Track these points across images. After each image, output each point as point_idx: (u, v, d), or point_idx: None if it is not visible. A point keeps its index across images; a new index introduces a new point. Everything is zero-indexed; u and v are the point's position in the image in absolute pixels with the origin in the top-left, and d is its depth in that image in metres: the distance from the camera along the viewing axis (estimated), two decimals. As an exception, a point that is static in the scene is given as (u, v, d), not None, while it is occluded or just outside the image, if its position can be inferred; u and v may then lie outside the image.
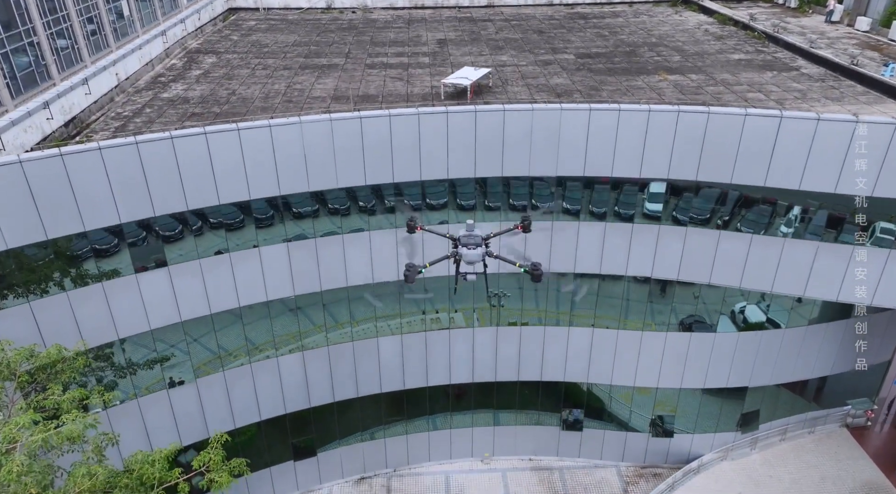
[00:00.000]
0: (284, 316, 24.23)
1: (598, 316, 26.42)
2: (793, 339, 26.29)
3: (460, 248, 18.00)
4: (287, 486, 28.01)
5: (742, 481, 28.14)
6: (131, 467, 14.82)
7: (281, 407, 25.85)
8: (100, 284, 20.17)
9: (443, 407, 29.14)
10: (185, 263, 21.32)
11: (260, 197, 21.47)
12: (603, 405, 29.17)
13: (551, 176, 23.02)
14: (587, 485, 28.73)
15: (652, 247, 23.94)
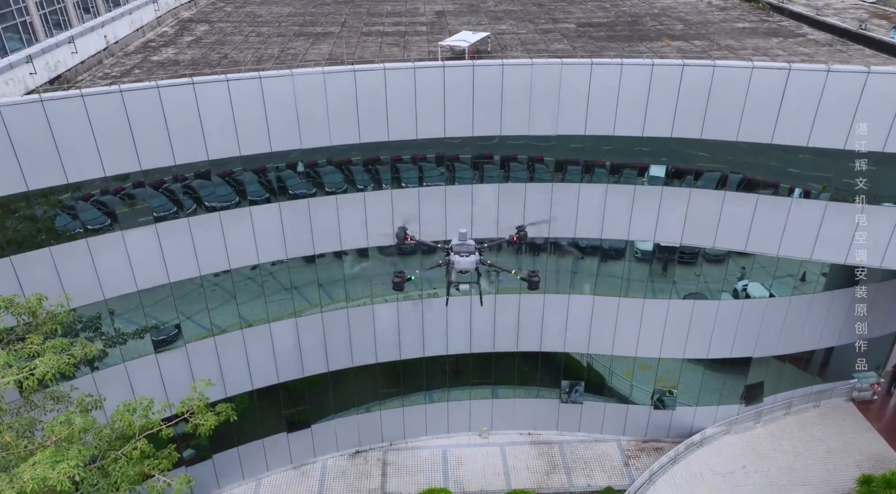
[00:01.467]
0: (277, 279, 23.56)
1: (599, 292, 25.85)
2: (798, 308, 25.63)
3: (452, 256, 17.56)
4: (280, 459, 27.38)
5: (746, 454, 27.52)
6: (113, 419, 14.19)
7: (273, 375, 25.22)
8: (84, 241, 19.52)
9: (440, 383, 28.53)
10: (173, 221, 20.66)
11: (251, 153, 20.80)
12: (603, 380, 28.54)
13: (551, 134, 22.35)
14: (587, 459, 28.11)
15: (655, 210, 23.28)
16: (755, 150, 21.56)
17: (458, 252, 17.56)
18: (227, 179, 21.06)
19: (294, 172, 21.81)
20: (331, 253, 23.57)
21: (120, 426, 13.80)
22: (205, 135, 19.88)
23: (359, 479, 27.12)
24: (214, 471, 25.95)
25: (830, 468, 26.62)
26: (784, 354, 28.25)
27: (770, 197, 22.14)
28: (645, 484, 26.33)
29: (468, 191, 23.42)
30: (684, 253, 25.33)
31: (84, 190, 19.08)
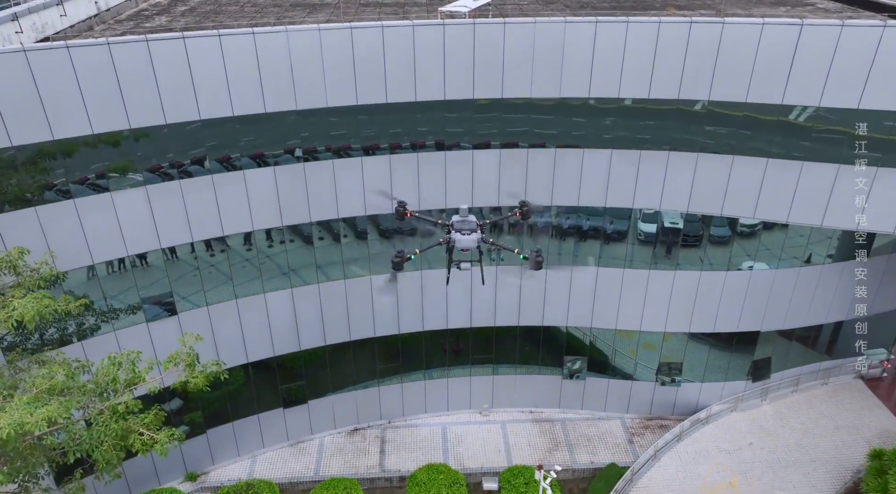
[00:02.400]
0: (272, 248, 22.94)
1: (603, 263, 25.20)
2: (808, 278, 24.97)
3: (453, 234, 16.96)
4: (277, 436, 26.76)
5: (753, 431, 26.90)
6: (98, 373, 13.58)
7: (269, 348, 24.59)
8: (71, 201, 18.88)
9: (440, 362, 27.90)
10: (163, 184, 20.01)
11: (244, 113, 20.14)
12: (606, 359, 27.90)
13: (554, 97, 21.67)
14: (590, 436, 27.49)
15: (661, 176, 22.61)
16: (765, 111, 20.89)
17: (459, 229, 17.02)
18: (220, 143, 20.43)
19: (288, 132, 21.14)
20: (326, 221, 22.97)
21: (104, 381, 13.20)
22: (196, 93, 19.20)
23: (357, 456, 26.52)
24: (209, 446, 25.34)
25: (840, 444, 26.00)
26: (791, 331, 27.66)
27: (780, 160, 21.46)
28: (650, 461, 25.71)
29: (468, 157, 22.75)
30: (688, 236, 24.72)
31: (71, 147, 18.41)
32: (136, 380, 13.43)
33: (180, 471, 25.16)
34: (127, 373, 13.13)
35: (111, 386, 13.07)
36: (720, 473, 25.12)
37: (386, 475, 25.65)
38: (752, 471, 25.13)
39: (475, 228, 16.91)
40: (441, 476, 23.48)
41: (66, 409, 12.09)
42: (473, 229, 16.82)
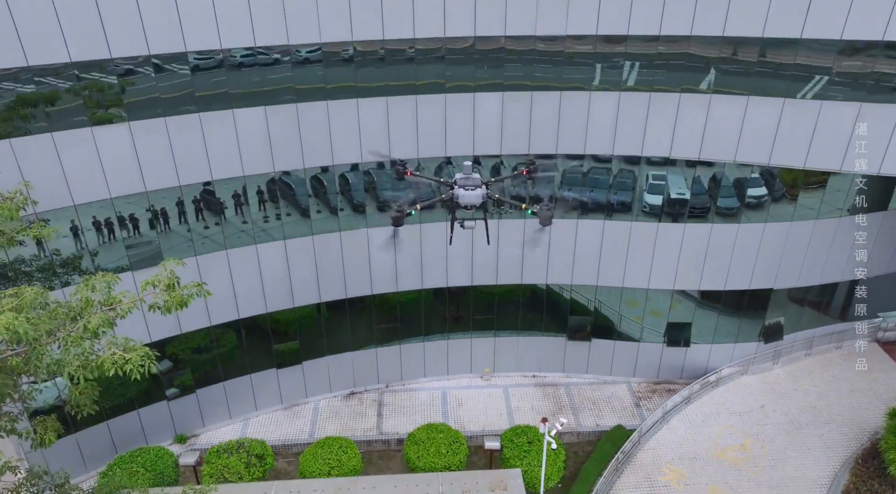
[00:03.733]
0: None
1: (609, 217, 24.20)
2: (824, 232, 23.90)
3: (456, 189, 16.23)
4: (270, 399, 25.76)
5: (765, 393, 25.92)
6: (71, 298, 12.54)
7: (262, 304, 23.57)
8: (49, 135, 17.84)
9: (439, 329, 26.89)
10: (148, 120, 18.95)
11: (233, 47, 19.07)
12: (612, 325, 26.88)
13: (560, 35, 20.59)
14: (596, 400, 26.51)
15: (671, 119, 21.53)
16: (783, 47, 19.81)
17: (462, 185, 16.19)
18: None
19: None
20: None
21: (78, 303, 12.16)
22: (181, 20, 18.12)
23: (353, 419, 25.54)
24: (199, 407, 24.36)
25: (855, 406, 25.01)
26: (803, 297, 26.68)
27: (797, 100, 20.39)
28: (658, 423, 24.74)
29: (469, 100, 21.68)
30: (695, 208, 23.70)
31: (48, 75, 17.36)
32: (112, 301, 12.42)
33: (169, 433, 24.17)
34: (103, 295, 12.11)
35: (85, 308, 12.06)
36: (731, 435, 24.14)
37: (383, 437, 24.67)
38: (765, 433, 24.15)
39: (479, 184, 16.15)
40: (440, 435, 22.48)
41: (34, 327, 11.10)
42: (478, 185, 16.06)
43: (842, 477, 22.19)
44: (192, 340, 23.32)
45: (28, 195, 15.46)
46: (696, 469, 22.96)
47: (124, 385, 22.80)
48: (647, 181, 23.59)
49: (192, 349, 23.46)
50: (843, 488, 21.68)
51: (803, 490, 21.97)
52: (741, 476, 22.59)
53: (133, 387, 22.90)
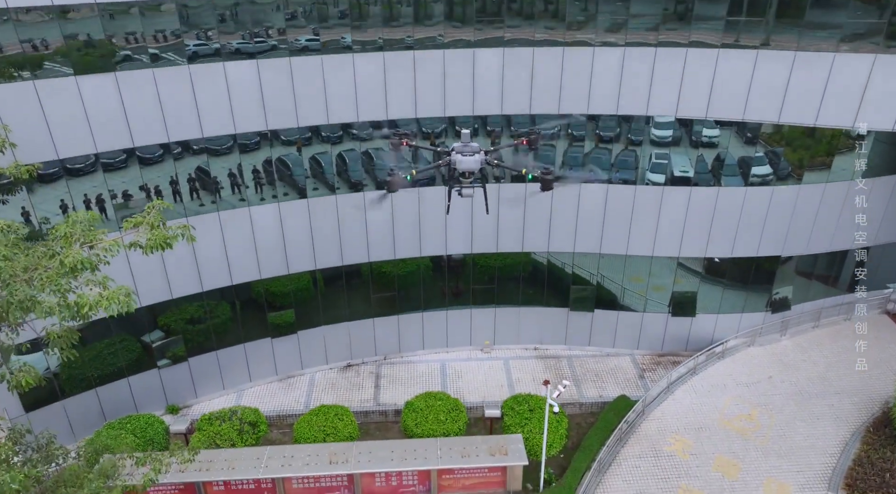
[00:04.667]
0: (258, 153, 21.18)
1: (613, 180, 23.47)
2: (835, 196, 23.19)
3: (454, 156, 15.95)
4: (264, 370, 25.11)
5: (773, 364, 25.26)
6: (51, 237, 11.86)
7: (255, 270, 22.90)
8: (31, 83, 17.15)
9: (438, 301, 26.23)
10: (134, 71, 18.25)
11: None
12: (615, 298, 26.21)
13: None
14: (599, 372, 25.85)
15: (678, 75, 20.82)
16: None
17: (460, 152, 15.99)
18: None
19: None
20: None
21: (56, 243, 11.49)
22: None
23: (350, 391, 24.89)
24: (191, 377, 23.71)
25: (866, 376, 24.33)
26: (811, 269, 26.01)
27: (808, 53, 19.66)
28: (663, 394, 24.09)
29: (469, 56, 20.96)
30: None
31: (27, 17, 16.69)
32: (91, 238, 11.75)
33: (160, 403, 23.52)
34: (82, 232, 11.42)
35: (64, 246, 11.38)
36: (738, 405, 23.49)
37: (381, 408, 24.01)
38: (773, 403, 23.50)
39: (478, 151, 15.95)
40: (439, 402, 21.85)
41: (6, 262, 10.42)
42: (476, 151, 15.90)
43: (852, 446, 21.54)
44: (185, 311, 22.71)
45: (6, 138, 14.80)
46: (702, 438, 22.31)
47: (114, 353, 22.22)
48: (651, 160, 23.05)
49: (185, 319, 22.82)
50: (854, 456, 21.03)
51: (813, 459, 21.32)
52: (748, 445, 21.95)
53: (123, 355, 22.28)
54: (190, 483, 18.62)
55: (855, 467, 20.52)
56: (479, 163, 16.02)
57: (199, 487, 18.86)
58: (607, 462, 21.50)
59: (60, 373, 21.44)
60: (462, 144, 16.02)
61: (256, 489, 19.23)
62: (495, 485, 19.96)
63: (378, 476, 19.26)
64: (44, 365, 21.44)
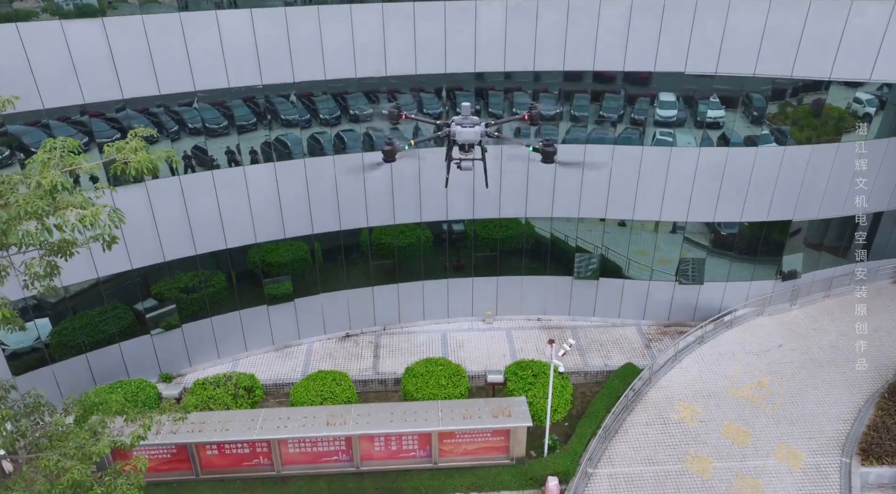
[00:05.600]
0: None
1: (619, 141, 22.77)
2: (847, 156, 22.47)
3: (453, 127, 15.49)
4: (260, 340, 24.46)
5: (783, 333, 24.59)
6: (29, 167, 11.17)
7: (251, 233, 22.23)
8: (14, 26, 16.45)
9: (439, 274, 25.55)
10: (124, 17, 17.54)
11: (215, -61, 17.73)
12: (620, 270, 25.53)
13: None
14: (603, 342, 25.19)
15: (687, 29, 20.10)
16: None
17: (460, 123, 15.49)
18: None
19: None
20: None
21: (34, 169, 10.81)
22: None
23: (348, 360, 24.24)
24: (185, 345, 23.06)
25: (879, 344, 23.68)
26: (821, 240, 25.33)
27: (824, 1, 18.94)
28: (670, 362, 23.44)
29: (471, 9, 20.26)
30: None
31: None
32: (71, 163, 11.08)
33: (153, 371, 22.86)
34: (61, 157, 10.73)
35: (41, 170, 10.70)
36: (748, 374, 22.83)
37: (380, 377, 23.38)
38: (783, 371, 22.83)
39: (478, 122, 15.54)
40: (440, 367, 21.20)
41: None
42: (476, 123, 15.50)
43: (867, 412, 20.87)
44: (180, 280, 22.06)
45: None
46: (710, 406, 21.66)
47: (105, 321, 21.57)
48: (654, 138, 22.43)
49: (179, 288, 22.18)
50: (869, 421, 20.36)
51: (826, 426, 20.67)
52: (759, 412, 21.29)
53: (115, 323, 21.63)
54: (182, 444, 17.98)
55: (869, 432, 19.87)
56: (479, 135, 15.64)
57: (191, 450, 18.22)
58: (614, 429, 20.85)
59: (51, 340, 20.83)
60: (462, 117, 15.65)
61: (251, 453, 18.59)
62: (498, 451, 19.30)
63: (377, 440, 18.61)
64: (34, 334, 20.88)
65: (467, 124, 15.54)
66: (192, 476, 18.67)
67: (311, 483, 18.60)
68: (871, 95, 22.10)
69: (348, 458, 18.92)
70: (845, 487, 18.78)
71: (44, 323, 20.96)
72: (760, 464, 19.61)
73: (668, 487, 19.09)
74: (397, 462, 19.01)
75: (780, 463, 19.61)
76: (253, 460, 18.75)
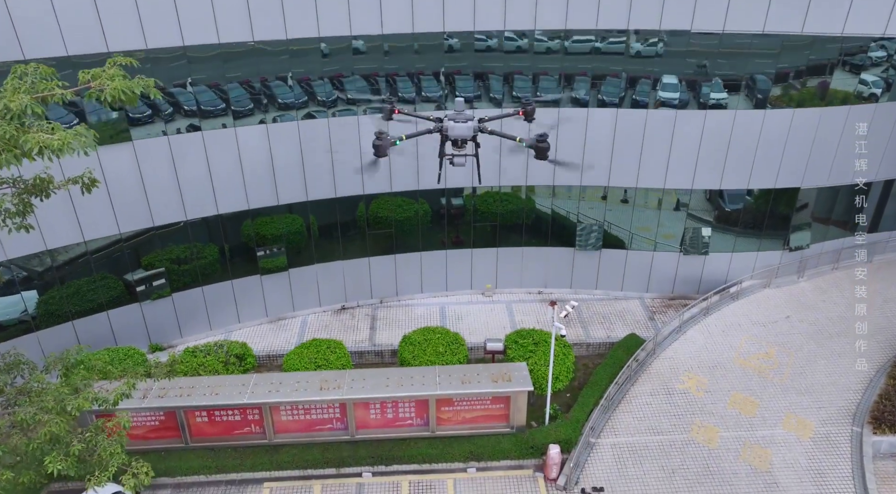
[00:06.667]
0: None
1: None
2: (857, 119, 21.81)
3: (446, 122, 15.52)
4: (254, 311, 23.80)
5: (790, 305, 23.95)
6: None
7: (243, 199, 21.55)
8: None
9: (437, 246, 24.87)
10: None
11: None
12: (623, 244, 24.88)
13: None
14: (606, 314, 24.53)
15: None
16: None
17: (453, 119, 15.51)
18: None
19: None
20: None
21: (3, 94, 10.13)
22: None
23: (344, 332, 23.56)
24: (175, 314, 22.40)
25: (890, 315, 23.06)
26: (829, 213, 24.66)
27: (837, -48, 18.32)
28: (674, 334, 22.80)
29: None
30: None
31: None
32: (44, 89, 10.40)
33: (143, 342, 22.20)
34: (32, 83, 10.05)
35: (10, 96, 10.01)
36: (754, 344, 22.20)
37: (376, 349, 22.73)
38: (791, 343, 22.19)
39: (471, 118, 15.54)
40: (438, 335, 20.56)
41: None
42: (469, 119, 15.51)
43: (878, 382, 20.24)
44: (171, 251, 21.43)
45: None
46: (716, 376, 21.03)
47: (94, 290, 20.90)
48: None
49: (170, 259, 21.55)
50: (881, 391, 19.72)
51: (835, 396, 20.04)
52: (766, 383, 20.65)
53: (103, 292, 20.96)
54: (170, 410, 17.33)
55: (881, 401, 19.22)
56: (472, 130, 15.59)
57: (180, 417, 17.57)
58: (617, 400, 20.22)
59: (37, 309, 20.18)
60: (455, 112, 15.71)
61: (242, 420, 17.94)
62: (497, 419, 18.65)
63: (373, 407, 17.96)
64: (21, 307, 20.24)
65: (460, 120, 15.59)
66: (182, 443, 18.03)
67: (304, 451, 17.96)
68: (876, 77, 21.51)
69: (343, 426, 18.27)
70: (856, 456, 18.15)
71: (31, 295, 20.35)
72: (768, 434, 18.98)
73: (674, 456, 18.47)
74: (394, 430, 18.37)
75: (788, 433, 18.99)
76: (244, 428, 18.10)
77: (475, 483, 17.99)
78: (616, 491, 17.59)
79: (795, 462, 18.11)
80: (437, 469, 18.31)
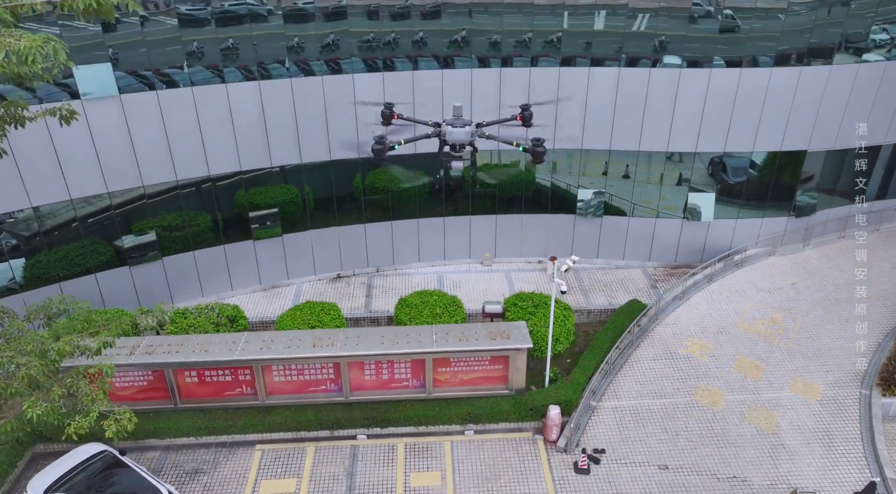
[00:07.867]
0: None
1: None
2: (868, 79, 21.23)
3: (444, 127, 15.71)
4: (247, 279, 23.28)
5: (796, 272, 23.43)
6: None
7: (235, 160, 21.00)
8: None
9: (435, 213, 24.33)
10: None
11: None
12: (624, 213, 24.34)
13: None
14: (607, 283, 24.01)
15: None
16: None
17: (451, 123, 15.71)
18: None
19: None
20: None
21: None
22: None
23: (339, 299, 23.02)
24: (166, 280, 21.87)
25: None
26: (834, 184, 24.12)
27: None
28: (677, 300, 22.28)
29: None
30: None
31: None
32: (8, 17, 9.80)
33: (132, 306, 21.65)
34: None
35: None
36: (760, 310, 21.68)
37: (372, 315, 22.22)
38: (798, 308, 21.68)
39: (469, 122, 15.81)
40: (435, 298, 20.02)
41: None
42: (467, 123, 15.77)
43: (886, 345, 19.74)
44: (163, 219, 20.90)
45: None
46: (721, 341, 20.52)
47: (83, 255, 20.37)
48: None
49: (162, 226, 21.00)
50: (889, 353, 19.21)
51: (843, 360, 19.53)
52: (772, 347, 20.14)
53: (92, 257, 20.42)
54: (158, 367, 16.80)
55: (890, 363, 18.71)
56: (470, 135, 15.75)
57: (169, 377, 17.05)
58: (619, 364, 19.71)
59: (24, 272, 19.66)
60: (454, 117, 15.94)
61: (233, 381, 17.42)
62: (496, 381, 18.13)
63: (367, 368, 17.43)
64: (8, 275, 19.72)
65: (458, 124, 15.64)
66: (171, 405, 17.51)
67: (297, 412, 17.43)
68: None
69: (337, 387, 17.75)
70: (865, 418, 17.65)
71: (18, 263, 19.84)
72: (775, 397, 18.47)
73: (678, 419, 17.96)
74: (389, 391, 17.84)
75: (795, 396, 18.48)
76: (235, 389, 17.58)
77: (473, 446, 17.49)
78: (618, 453, 17.09)
79: (802, 424, 17.60)
80: (434, 432, 17.81)
